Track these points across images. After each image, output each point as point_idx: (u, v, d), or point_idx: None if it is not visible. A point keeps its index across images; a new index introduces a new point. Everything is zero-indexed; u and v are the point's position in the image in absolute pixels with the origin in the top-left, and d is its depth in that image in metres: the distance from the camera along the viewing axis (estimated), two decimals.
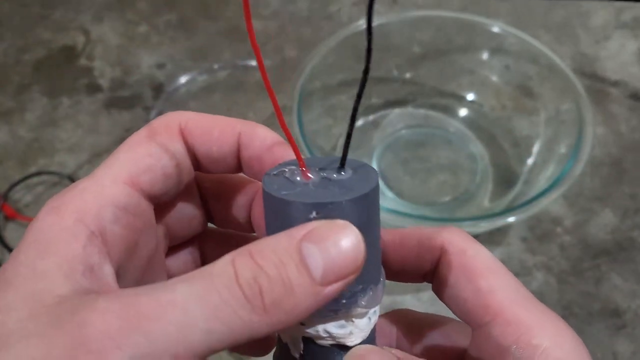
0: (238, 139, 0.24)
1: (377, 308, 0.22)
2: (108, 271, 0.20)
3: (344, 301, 0.21)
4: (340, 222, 0.19)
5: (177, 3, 0.76)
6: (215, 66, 0.69)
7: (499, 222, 0.48)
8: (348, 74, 0.63)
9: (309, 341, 0.22)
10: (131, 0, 0.77)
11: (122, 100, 0.67)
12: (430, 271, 0.24)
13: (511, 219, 0.47)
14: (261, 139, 0.24)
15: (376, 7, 0.78)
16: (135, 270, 0.23)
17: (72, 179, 0.60)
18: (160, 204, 0.24)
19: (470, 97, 0.64)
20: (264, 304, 0.17)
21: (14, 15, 0.76)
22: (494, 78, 0.63)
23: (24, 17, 0.76)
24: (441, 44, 0.64)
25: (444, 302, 0.23)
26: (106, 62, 0.71)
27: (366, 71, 0.19)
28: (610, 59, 0.69)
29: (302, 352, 0.22)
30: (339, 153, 0.23)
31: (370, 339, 0.22)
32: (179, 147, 0.23)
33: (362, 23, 0.61)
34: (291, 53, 0.70)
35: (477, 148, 0.61)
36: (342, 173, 0.22)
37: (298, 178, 0.22)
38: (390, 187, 0.58)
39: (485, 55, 0.62)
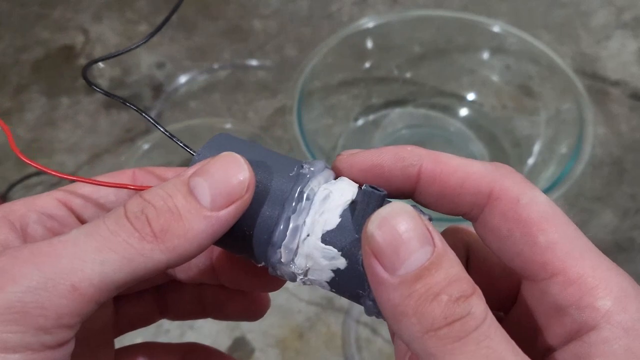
0: None
1: (325, 180, 0.21)
2: None
3: (288, 197, 0.21)
4: (224, 153, 0.20)
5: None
6: (215, 66, 0.69)
7: None
8: (348, 73, 0.63)
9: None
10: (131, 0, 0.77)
11: None
12: (471, 212, 0.21)
13: None
14: None
15: (376, 6, 0.78)
16: None
17: None
18: None
19: (470, 97, 0.64)
20: (152, 231, 0.19)
21: (13, 14, 0.76)
22: (495, 78, 0.63)
23: (23, 17, 0.76)
24: (441, 44, 0.64)
25: (490, 248, 0.21)
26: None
27: None
28: (610, 59, 0.69)
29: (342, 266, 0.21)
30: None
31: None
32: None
33: (362, 22, 0.61)
34: (291, 53, 0.70)
35: (478, 148, 0.61)
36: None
37: None
38: None
39: (485, 55, 0.62)
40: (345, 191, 0.21)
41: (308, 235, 0.20)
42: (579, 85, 0.55)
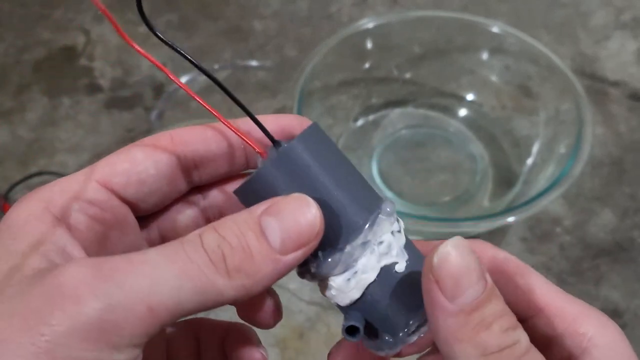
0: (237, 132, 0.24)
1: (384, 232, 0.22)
2: (79, 253, 0.21)
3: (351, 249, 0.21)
4: (296, 195, 0.20)
5: (177, 3, 0.76)
6: (215, 66, 0.69)
7: (498, 222, 0.48)
8: (348, 74, 0.63)
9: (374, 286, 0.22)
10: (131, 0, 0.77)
11: (123, 100, 0.67)
12: None
13: (511, 219, 0.47)
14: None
15: (376, 7, 0.78)
16: None
17: None
18: (146, 211, 0.24)
19: (470, 97, 0.64)
20: (227, 267, 0.19)
21: (14, 15, 0.76)
22: (494, 78, 0.63)
23: (24, 17, 0.76)
24: (441, 44, 0.64)
25: None
26: (106, 62, 0.71)
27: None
28: (609, 59, 0.69)
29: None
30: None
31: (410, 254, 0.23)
32: (163, 157, 0.23)
33: (362, 23, 0.61)
34: (291, 53, 0.70)
35: (477, 148, 0.61)
36: (284, 145, 0.23)
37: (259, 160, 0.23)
38: (390, 187, 0.58)
39: (485, 55, 0.63)
40: (369, 271, 0.22)
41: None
42: (578, 85, 0.55)
